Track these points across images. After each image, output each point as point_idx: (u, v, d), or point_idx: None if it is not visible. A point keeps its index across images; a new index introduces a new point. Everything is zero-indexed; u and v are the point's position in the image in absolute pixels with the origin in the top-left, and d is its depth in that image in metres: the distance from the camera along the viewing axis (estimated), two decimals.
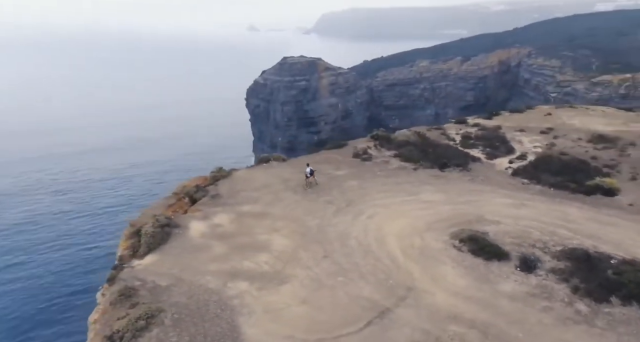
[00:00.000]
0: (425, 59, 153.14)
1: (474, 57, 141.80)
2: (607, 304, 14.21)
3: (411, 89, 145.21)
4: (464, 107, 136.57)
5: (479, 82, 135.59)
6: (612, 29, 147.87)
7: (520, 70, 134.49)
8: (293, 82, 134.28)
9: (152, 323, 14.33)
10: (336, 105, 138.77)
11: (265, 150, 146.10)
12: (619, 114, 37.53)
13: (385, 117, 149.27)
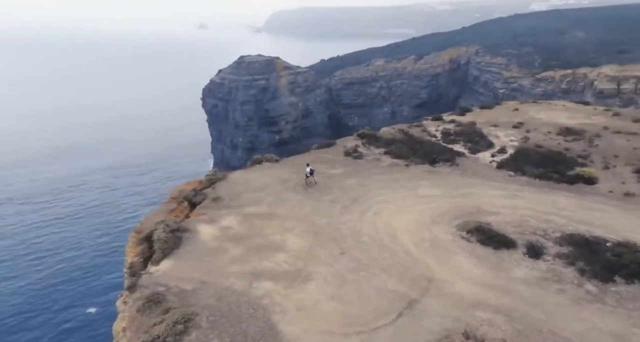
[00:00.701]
0: (380, 58, 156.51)
1: (426, 56, 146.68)
2: (613, 284, 15.64)
3: (368, 88, 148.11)
4: (419, 104, 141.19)
5: (432, 80, 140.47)
6: (551, 27, 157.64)
7: (470, 67, 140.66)
8: (252, 81, 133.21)
9: (190, 327, 14.29)
10: (296, 104, 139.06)
11: (225, 151, 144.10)
12: (579, 108, 40.67)
13: (345, 115, 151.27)
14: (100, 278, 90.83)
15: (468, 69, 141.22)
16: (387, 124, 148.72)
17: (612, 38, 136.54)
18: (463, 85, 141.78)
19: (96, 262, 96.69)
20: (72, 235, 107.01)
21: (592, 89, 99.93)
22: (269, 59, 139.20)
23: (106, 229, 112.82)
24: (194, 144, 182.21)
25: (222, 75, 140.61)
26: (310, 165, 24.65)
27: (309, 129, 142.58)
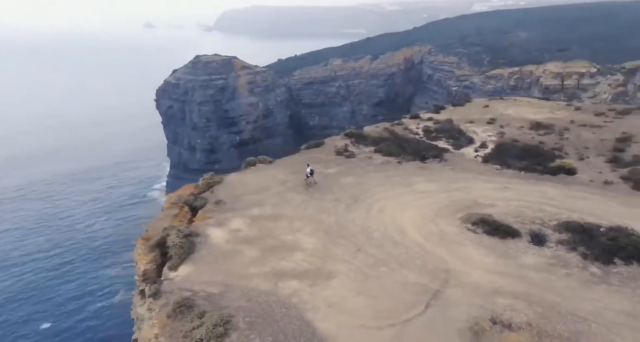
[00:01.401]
0: (337, 57, 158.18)
1: (382, 56, 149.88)
2: (614, 266, 17.07)
3: (328, 87, 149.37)
4: (377, 103, 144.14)
5: (388, 79, 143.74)
6: (495, 28, 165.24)
7: (423, 66, 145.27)
8: (209, 81, 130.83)
9: (229, 328, 14.38)
10: (256, 104, 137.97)
11: (183, 153, 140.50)
12: (542, 103, 43.41)
13: (305, 115, 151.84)
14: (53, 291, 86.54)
15: (422, 68, 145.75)
16: (347, 122, 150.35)
17: (552, 37, 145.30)
18: (418, 83, 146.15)
19: (46, 276, 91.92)
20: (18, 248, 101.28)
21: (539, 85, 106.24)
22: (226, 59, 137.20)
23: (57, 241, 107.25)
24: (148, 147, 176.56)
25: (178, 76, 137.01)
26: (310, 166, 24.90)
27: (270, 129, 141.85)
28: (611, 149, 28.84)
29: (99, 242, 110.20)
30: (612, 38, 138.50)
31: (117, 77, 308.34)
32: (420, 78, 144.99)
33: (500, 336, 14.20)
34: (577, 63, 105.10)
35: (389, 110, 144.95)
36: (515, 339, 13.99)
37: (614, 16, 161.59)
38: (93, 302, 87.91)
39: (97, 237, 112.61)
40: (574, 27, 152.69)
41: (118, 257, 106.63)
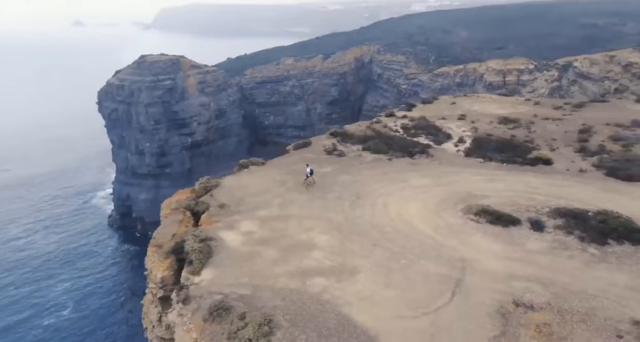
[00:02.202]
0: (288, 56, 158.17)
1: (333, 55, 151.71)
2: (609, 246, 18.82)
3: (281, 86, 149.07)
4: (331, 102, 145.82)
5: (341, 78, 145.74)
6: (437, 27, 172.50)
7: (373, 65, 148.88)
8: (156, 82, 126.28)
9: (274, 327, 14.60)
10: (208, 104, 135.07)
11: (130, 158, 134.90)
12: (504, 99, 46.34)
13: (260, 114, 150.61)
14: None
15: (372, 67, 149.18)
16: (303, 121, 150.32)
17: (490, 36, 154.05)
18: (368, 82, 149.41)
19: None
20: None
21: (483, 81, 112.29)
22: (173, 58, 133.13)
23: None
24: (90, 153, 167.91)
25: (121, 77, 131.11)
26: (310, 166, 25.17)
27: (223, 129, 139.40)
28: (576, 140, 31.49)
29: (42, 259, 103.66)
30: (542, 36, 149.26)
31: (50, 80, 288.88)
32: (370, 77, 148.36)
33: (525, 316, 15.36)
34: (516, 60, 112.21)
35: (343, 109, 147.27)
36: (540, 318, 15.21)
37: (542, 16, 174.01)
38: (40, 321, 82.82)
39: (40, 254, 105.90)
40: (508, 27, 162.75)
41: (65, 272, 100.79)
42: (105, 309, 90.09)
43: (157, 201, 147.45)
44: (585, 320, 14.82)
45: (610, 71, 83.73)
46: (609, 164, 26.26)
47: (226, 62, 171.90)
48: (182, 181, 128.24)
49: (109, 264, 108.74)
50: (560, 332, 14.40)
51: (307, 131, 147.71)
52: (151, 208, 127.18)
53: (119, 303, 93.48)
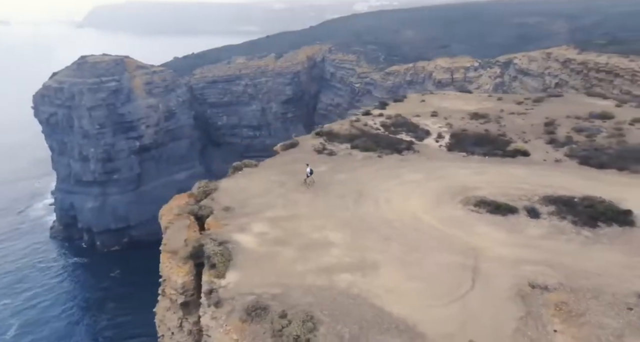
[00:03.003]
0: (239, 55, 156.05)
1: (285, 54, 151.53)
2: (599, 228, 20.60)
3: (233, 86, 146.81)
4: (286, 101, 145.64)
5: (294, 77, 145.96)
6: (385, 27, 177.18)
7: (325, 64, 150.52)
8: (100, 84, 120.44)
9: (316, 322, 14.93)
10: (156, 106, 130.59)
11: (73, 165, 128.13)
12: (468, 96, 48.80)
13: (212, 115, 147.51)
14: None
15: (324, 66, 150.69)
16: (258, 121, 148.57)
17: (433, 35, 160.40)
18: (322, 81, 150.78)
19: None
20: None
21: (432, 79, 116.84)
22: (117, 58, 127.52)
23: None
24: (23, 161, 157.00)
25: (60, 79, 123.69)
26: (309, 166, 25.41)
27: (174, 131, 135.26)
28: (544, 132, 33.94)
29: None
30: (480, 35, 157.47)
31: None
32: (323, 76, 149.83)
33: (543, 297, 16.61)
34: (462, 58, 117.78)
35: (298, 108, 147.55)
36: (556, 298, 16.50)
37: (478, 16, 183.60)
38: None
39: None
40: (449, 27, 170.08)
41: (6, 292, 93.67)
42: (57, 326, 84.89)
43: (105, 209, 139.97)
44: (596, 297, 16.28)
45: (548, 67, 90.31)
46: (580, 153, 28.68)
47: (173, 62, 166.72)
48: (131, 187, 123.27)
49: (56, 279, 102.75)
50: (578, 309, 15.75)
51: (263, 131, 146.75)
52: (99, 217, 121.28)
53: (73, 320, 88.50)
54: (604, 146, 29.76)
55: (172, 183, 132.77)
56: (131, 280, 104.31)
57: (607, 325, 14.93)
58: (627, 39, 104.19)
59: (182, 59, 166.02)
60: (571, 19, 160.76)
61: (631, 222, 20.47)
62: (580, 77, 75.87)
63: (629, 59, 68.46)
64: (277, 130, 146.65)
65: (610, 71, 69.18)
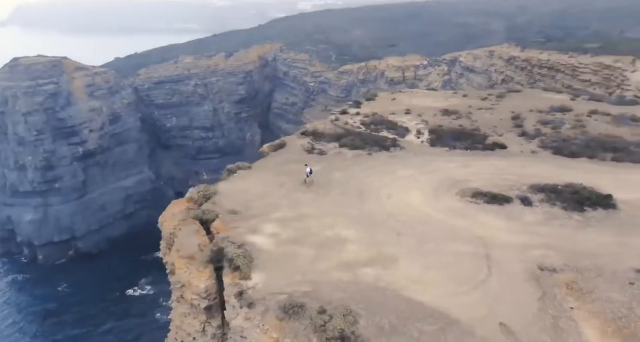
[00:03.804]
0: (187, 55, 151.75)
1: (236, 53, 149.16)
2: (587, 212, 22.43)
3: (183, 86, 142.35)
4: (239, 101, 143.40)
5: (247, 76, 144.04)
6: (334, 26, 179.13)
7: (278, 64, 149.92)
8: (36, 87, 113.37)
9: (355, 316, 15.37)
10: (100, 109, 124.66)
11: (9, 175, 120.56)
12: (434, 93, 50.76)
13: (160, 116, 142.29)
14: None
15: (276, 65, 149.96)
16: (211, 122, 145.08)
17: (383, 35, 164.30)
18: (275, 80, 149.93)
19: None
20: None
21: (385, 78, 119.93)
22: (54, 60, 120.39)
23: None
24: None
25: None
26: (309, 166, 25.57)
27: (120, 135, 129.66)
28: (513, 126, 36.22)
29: None
30: (426, 34, 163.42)
31: None
32: (276, 75, 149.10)
33: (553, 278, 17.96)
34: (412, 57, 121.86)
35: (252, 108, 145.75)
36: (566, 278, 17.89)
37: (421, 16, 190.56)
38: None
39: None
40: (396, 26, 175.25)
41: None
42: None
43: (47, 220, 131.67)
44: (600, 275, 17.84)
45: (493, 65, 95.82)
46: (552, 144, 30.96)
47: (115, 62, 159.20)
48: (76, 196, 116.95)
49: None
50: (587, 287, 17.20)
51: (216, 132, 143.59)
52: (40, 229, 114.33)
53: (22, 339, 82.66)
54: (570, 137, 32.33)
55: (120, 190, 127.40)
56: (81, 294, 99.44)
57: (616, 299, 16.45)
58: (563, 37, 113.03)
59: (124, 60, 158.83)
60: (507, 18, 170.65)
61: (613, 206, 22.51)
62: (525, 73, 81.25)
63: (569, 55, 74.25)
64: (231, 131, 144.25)
65: (552, 67, 74.69)
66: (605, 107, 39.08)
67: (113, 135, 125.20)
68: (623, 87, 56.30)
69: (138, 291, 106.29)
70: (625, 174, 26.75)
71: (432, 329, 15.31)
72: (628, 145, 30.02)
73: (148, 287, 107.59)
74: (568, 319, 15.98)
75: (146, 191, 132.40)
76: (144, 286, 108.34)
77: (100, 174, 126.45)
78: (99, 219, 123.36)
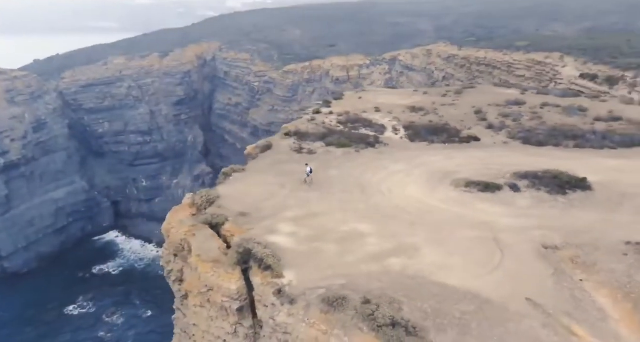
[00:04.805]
0: (117, 55, 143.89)
1: (171, 53, 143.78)
2: (569, 194, 24.78)
3: (114, 88, 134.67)
4: (178, 102, 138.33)
5: (185, 76, 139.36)
6: (271, 25, 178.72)
7: (217, 63, 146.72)
8: None
9: (399, 304, 16.15)
10: (22, 116, 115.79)
11: None
12: (397, 91, 52.51)
13: (91, 122, 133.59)
14: None
15: (216, 64, 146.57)
16: (148, 125, 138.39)
17: (321, 34, 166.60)
18: (215, 80, 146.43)
19: None
20: None
21: (330, 77, 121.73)
22: None
23: None
24: None
25: None
26: (309, 165, 25.77)
27: (46, 144, 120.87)
28: (478, 119, 38.80)
29: None
30: (362, 34, 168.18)
31: None
32: (216, 75, 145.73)
33: (557, 254, 19.76)
34: (355, 57, 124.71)
35: (192, 109, 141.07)
36: (568, 254, 19.78)
37: (355, 16, 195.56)
38: None
39: None
40: (331, 26, 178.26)
41: None
42: None
43: None
44: (596, 249, 19.91)
45: (432, 63, 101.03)
46: (519, 135, 33.69)
47: (34, 65, 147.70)
48: None
49: None
50: (590, 261, 19.15)
51: (154, 135, 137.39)
52: None
53: None
54: (532, 127, 35.37)
55: (49, 202, 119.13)
56: (12, 317, 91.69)
57: (617, 269, 18.51)
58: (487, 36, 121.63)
59: (45, 62, 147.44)
60: (435, 18, 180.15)
61: (589, 187, 25.09)
62: (464, 70, 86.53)
63: (503, 53, 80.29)
64: (170, 133, 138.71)
65: (489, 64, 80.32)
66: (553, 99, 43.07)
67: (38, 144, 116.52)
68: (556, 81, 62.23)
69: (77, 309, 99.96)
70: (589, 158, 29.85)
71: (470, 308, 16.34)
72: (584, 133, 33.46)
73: (88, 304, 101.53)
74: (581, 290, 17.74)
75: (79, 202, 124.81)
76: (84, 303, 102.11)
77: (26, 187, 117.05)
78: (27, 236, 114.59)
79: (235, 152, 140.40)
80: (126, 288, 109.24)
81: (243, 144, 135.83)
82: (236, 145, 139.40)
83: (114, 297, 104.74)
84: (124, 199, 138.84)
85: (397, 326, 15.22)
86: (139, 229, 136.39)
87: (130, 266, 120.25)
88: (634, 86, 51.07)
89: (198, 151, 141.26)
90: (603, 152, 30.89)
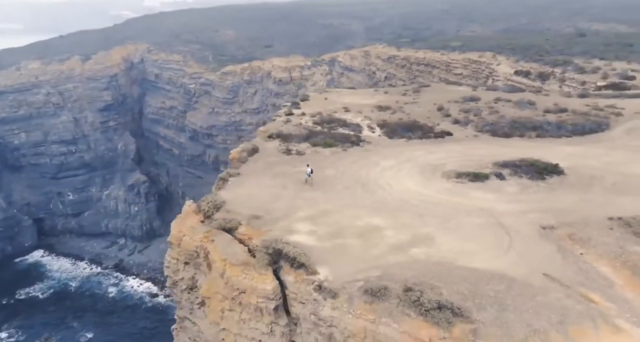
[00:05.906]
0: (30, 59, 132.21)
1: (94, 56, 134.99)
2: (547, 179, 27.22)
3: (30, 96, 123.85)
4: (104, 107, 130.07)
5: (111, 80, 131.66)
6: (202, 26, 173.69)
7: (146, 65, 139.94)
8: None
9: (437, 289, 17.05)
10: None
11: None
12: (360, 92, 53.43)
13: (4, 133, 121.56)
14: None
15: (145, 67, 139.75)
16: (72, 134, 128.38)
17: (255, 35, 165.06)
18: (145, 83, 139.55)
19: None
20: None
21: (272, 78, 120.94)
22: None
23: None
24: None
25: None
26: (310, 166, 25.90)
27: None
28: (443, 116, 41.08)
29: None
30: (296, 35, 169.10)
31: None
32: (146, 77, 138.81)
33: (554, 233, 21.79)
34: (296, 58, 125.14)
35: (121, 114, 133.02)
36: (565, 232, 21.86)
37: (288, 17, 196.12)
38: None
39: None
40: (265, 27, 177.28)
41: None
42: None
43: None
44: (587, 225, 22.21)
45: (371, 63, 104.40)
46: (486, 128, 36.25)
47: None
48: None
49: None
50: (584, 236, 21.34)
51: (80, 145, 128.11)
52: None
53: None
54: (495, 121, 38.21)
55: None
56: None
57: (609, 242, 20.82)
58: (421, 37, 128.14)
59: None
60: (364, 20, 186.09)
61: (562, 172, 27.78)
62: (404, 70, 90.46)
63: (440, 53, 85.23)
64: (97, 141, 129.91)
65: (428, 64, 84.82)
66: (503, 95, 46.75)
67: None
68: (493, 78, 67.54)
69: (4, 339, 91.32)
70: (552, 147, 32.93)
71: (501, 287, 17.64)
72: (541, 124, 36.80)
73: (17, 332, 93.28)
74: (584, 262, 19.77)
75: None
76: (11, 330, 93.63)
77: None
78: None
79: (172, 159, 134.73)
80: (59, 311, 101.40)
81: (181, 149, 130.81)
82: (173, 151, 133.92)
83: (46, 322, 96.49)
84: (48, 215, 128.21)
85: (443, 309, 16.06)
86: (67, 246, 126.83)
87: (62, 287, 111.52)
88: (563, 81, 57.21)
89: (130, 159, 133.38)
90: (562, 140, 34.30)
